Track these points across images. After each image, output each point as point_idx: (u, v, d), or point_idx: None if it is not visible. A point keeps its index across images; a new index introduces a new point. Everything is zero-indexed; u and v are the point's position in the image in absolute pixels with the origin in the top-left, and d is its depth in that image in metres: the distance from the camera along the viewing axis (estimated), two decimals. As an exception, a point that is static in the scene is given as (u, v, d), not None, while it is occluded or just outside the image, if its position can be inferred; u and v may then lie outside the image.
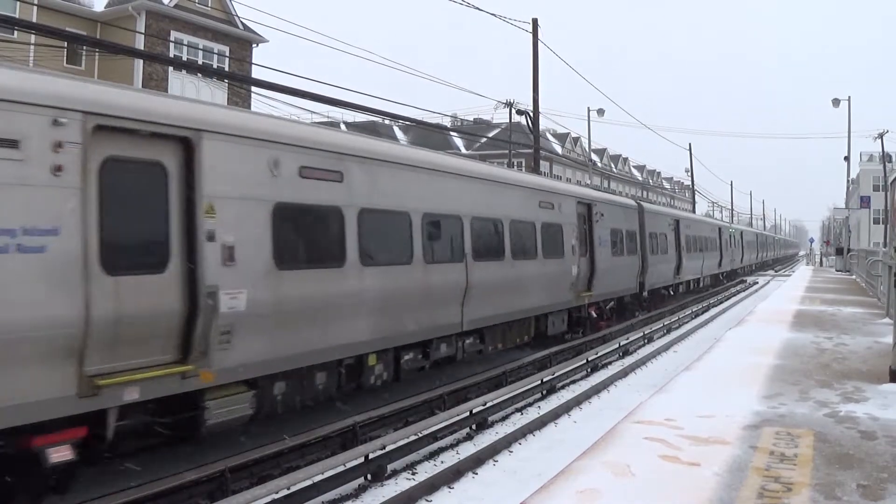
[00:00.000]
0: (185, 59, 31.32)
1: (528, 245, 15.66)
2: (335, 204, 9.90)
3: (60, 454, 6.61)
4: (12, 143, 6.28)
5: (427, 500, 8.01)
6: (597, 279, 19.61)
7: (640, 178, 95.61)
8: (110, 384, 6.88)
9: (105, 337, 6.87)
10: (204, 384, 7.91)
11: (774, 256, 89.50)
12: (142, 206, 7.54)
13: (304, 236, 9.55)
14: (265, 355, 8.66)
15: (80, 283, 6.65)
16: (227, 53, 34.08)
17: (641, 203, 27.66)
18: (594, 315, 20.63)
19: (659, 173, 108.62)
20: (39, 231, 6.39)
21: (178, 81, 30.96)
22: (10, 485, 6.61)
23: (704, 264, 37.80)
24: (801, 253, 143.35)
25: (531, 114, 27.08)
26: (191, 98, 18.38)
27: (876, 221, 61.97)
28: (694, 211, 64.00)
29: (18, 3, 26.16)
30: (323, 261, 9.72)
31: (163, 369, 7.44)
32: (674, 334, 22.22)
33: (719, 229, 44.14)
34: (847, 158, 49.26)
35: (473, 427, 10.87)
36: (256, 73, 32.25)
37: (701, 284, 39.25)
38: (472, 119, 49.10)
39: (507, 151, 44.87)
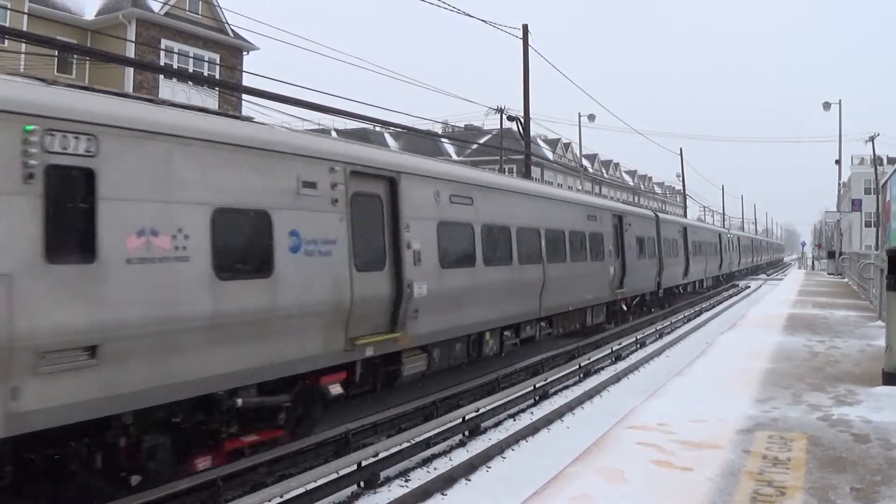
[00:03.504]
0: (175, 66, 31.29)
1: (580, 249, 19.22)
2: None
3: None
4: None
5: (420, 508, 8.00)
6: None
7: (632, 184, 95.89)
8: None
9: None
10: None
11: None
12: None
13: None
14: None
15: None
16: (218, 61, 34.04)
17: None
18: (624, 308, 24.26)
19: (650, 178, 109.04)
20: None
21: (169, 89, 30.92)
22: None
23: None
24: (791, 257, 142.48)
25: (522, 119, 27.13)
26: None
27: (867, 224, 62.29)
28: (685, 216, 61.80)
29: (9, 11, 26.11)
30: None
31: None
32: (666, 339, 22.23)
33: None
34: (838, 162, 49.56)
35: (466, 433, 10.85)
36: (247, 80, 32.19)
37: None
38: (462, 125, 49.14)
39: (497, 157, 44.89)
